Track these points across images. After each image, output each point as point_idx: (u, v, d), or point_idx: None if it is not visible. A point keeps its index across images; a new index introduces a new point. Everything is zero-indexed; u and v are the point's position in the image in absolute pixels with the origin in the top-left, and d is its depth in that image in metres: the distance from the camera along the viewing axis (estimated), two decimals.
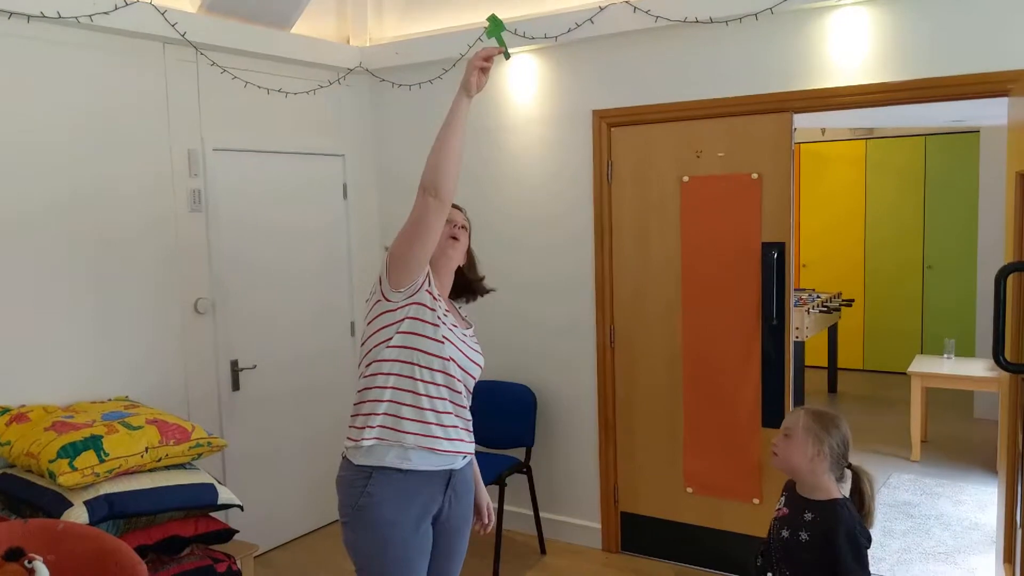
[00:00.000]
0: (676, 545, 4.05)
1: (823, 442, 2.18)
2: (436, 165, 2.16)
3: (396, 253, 2.22)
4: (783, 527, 2.26)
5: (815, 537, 2.17)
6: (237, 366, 4.04)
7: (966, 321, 7.43)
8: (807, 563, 2.18)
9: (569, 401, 4.28)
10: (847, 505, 2.19)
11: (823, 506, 2.19)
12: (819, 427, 2.19)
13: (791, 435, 2.22)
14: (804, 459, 2.19)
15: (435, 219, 2.17)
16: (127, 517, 2.94)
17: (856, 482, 2.22)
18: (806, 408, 2.26)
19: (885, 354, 8.19)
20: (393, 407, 2.24)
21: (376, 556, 2.26)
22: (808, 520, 2.19)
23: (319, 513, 4.49)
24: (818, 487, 2.21)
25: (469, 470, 2.43)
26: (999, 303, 2.56)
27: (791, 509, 2.26)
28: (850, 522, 2.15)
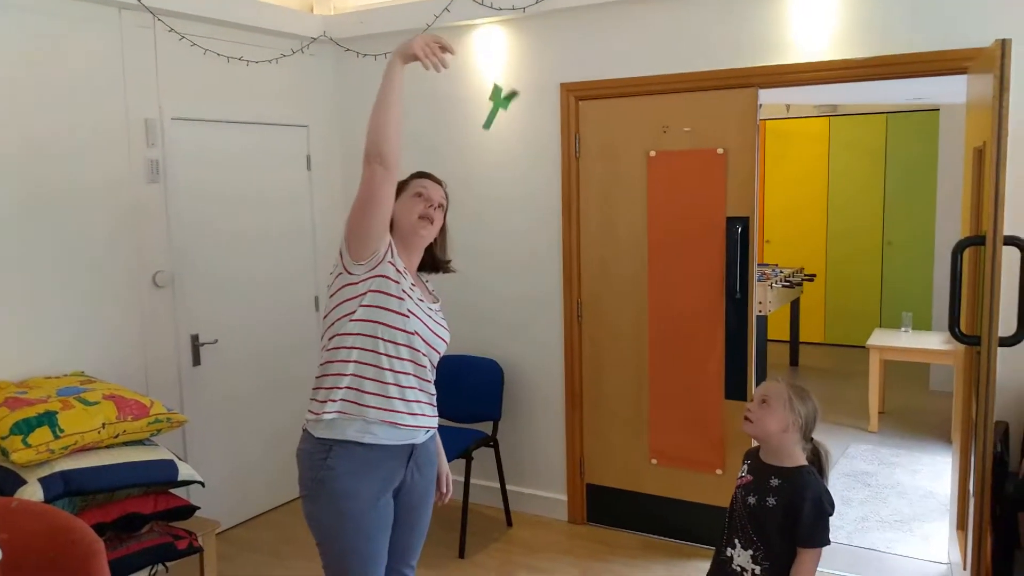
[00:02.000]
0: (641, 516, 4.10)
1: (799, 413, 2.22)
2: (377, 133, 2.12)
3: (351, 226, 2.19)
4: (749, 494, 2.29)
5: (782, 502, 2.20)
6: (198, 340, 3.98)
7: (923, 296, 7.58)
8: (774, 527, 2.21)
9: (536, 375, 4.28)
10: (813, 472, 2.23)
11: (790, 472, 2.22)
12: (798, 400, 2.23)
13: (769, 403, 2.24)
14: (778, 427, 2.22)
15: (384, 188, 2.14)
16: (84, 494, 2.90)
17: (815, 456, 2.25)
18: (786, 381, 2.30)
19: (845, 328, 8.33)
20: (356, 381, 2.22)
21: (336, 529, 2.25)
22: (775, 486, 2.23)
23: (283, 489, 4.47)
24: (786, 454, 2.24)
25: (432, 444, 2.43)
26: (955, 276, 2.60)
27: (755, 476, 2.29)
28: (817, 488, 2.19)
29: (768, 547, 2.23)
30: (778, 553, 2.22)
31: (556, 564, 3.79)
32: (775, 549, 2.22)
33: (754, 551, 2.25)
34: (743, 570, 2.28)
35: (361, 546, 2.26)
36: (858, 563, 3.68)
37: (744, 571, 2.27)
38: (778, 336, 8.10)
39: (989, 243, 2.30)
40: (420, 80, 4.43)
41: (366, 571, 2.29)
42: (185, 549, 3.14)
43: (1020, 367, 3.11)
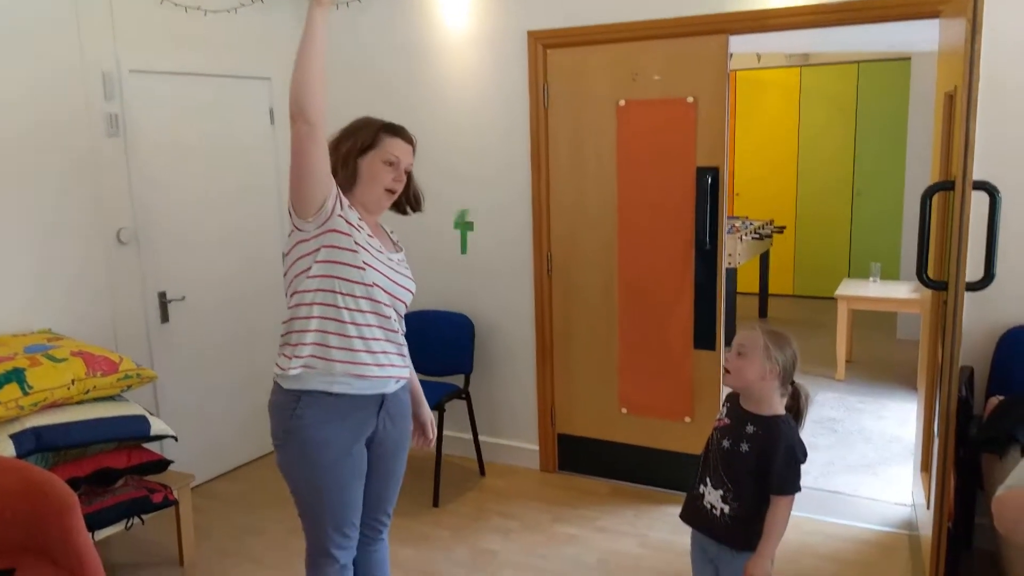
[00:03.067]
0: (611, 464, 4.16)
1: (777, 361, 2.22)
2: (299, 88, 2.02)
3: (291, 186, 2.12)
4: (724, 437, 2.32)
5: (755, 449, 2.24)
6: (165, 298, 3.93)
7: (892, 246, 7.68)
8: (745, 473, 2.25)
9: (507, 328, 4.29)
10: (788, 421, 2.25)
11: (766, 421, 2.25)
12: (774, 345, 2.23)
13: (746, 353, 2.24)
14: (757, 376, 2.23)
15: (312, 146, 2.06)
16: (56, 450, 2.88)
17: (795, 398, 2.27)
18: (761, 327, 2.29)
19: (814, 279, 8.43)
20: (320, 336, 2.20)
21: (308, 478, 2.26)
22: (750, 433, 2.26)
23: (257, 443, 4.46)
24: (764, 402, 2.26)
25: (404, 394, 2.43)
26: (924, 222, 2.63)
27: (733, 420, 2.32)
28: (790, 438, 2.22)
29: (738, 489, 2.27)
30: (747, 495, 2.26)
31: (528, 510, 3.85)
32: (745, 491, 2.26)
33: (724, 491, 2.30)
34: (712, 507, 2.33)
35: (334, 495, 2.27)
36: (824, 506, 3.77)
37: (714, 508, 2.33)
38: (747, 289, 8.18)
39: (958, 188, 2.32)
40: (388, 31, 4.36)
41: (340, 520, 2.31)
42: (160, 502, 3.14)
43: (985, 314, 3.17)
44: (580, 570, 3.30)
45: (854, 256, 8.22)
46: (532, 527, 3.69)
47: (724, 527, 2.31)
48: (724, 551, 2.34)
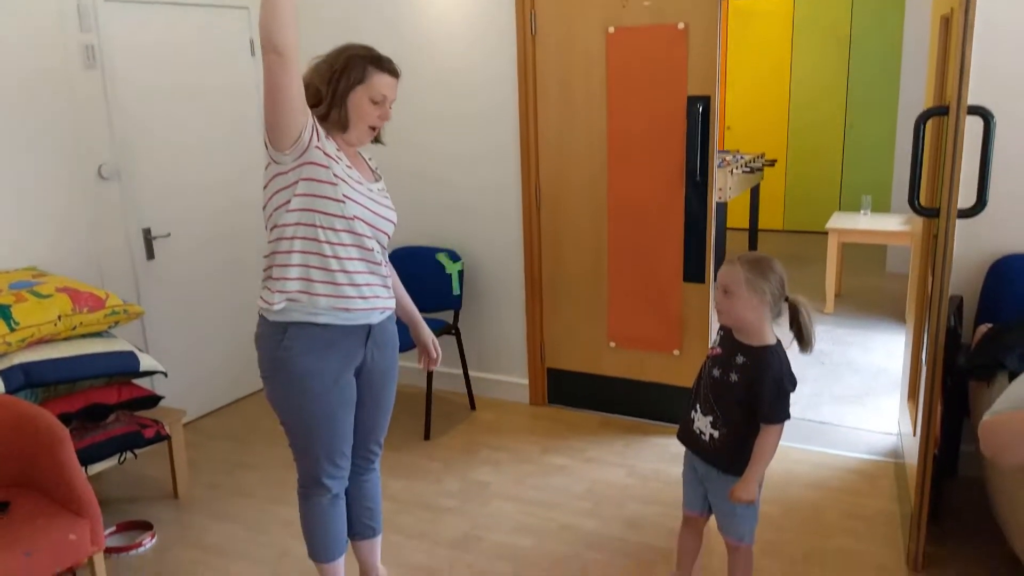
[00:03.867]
0: (600, 397, 4.19)
1: (764, 291, 2.19)
2: (266, 17, 1.96)
3: (265, 119, 2.06)
4: (715, 366, 2.33)
5: (743, 380, 2.24)
6: (150, 234, 3.88)
7: (883, 179, 7.65)
8: (734, 402, 2.27)
9: (496, 264, 4.27)
10: (777, 352, 2.24)
11: (756, 351, 2.24)
12: (757, 276, 2.19)
13: (731, 291, 2.21)
14: (748, 311, 2.21)
15: (285, 78, 1.99)
16: (45, 386, 2.88)
17: (794, 314, 2.24)
18: (740, 259, 2.24)
19: (804, 214, 8.41)
20: (303, 271, 2.17)
21: (297, 408, 2.26)
22: (739, 363, 2.26)
23: (248, 380, 4.47)
24: (756, 333, 2.25)
25: (390, 324, 2.41)
26: (917, 148, 2.60)
27: (724, 350, 2.32)
28: (778, 369, 2.21)
29: (726, 417, 2.29)
30: (735, 423, 2.29)
31: (518, 443, 3.88)
32: (733, 419, 2.29)
33: (713, 418, 2.32)
34: (702, 432, 2.36)
35: (324, 424, 2.28)
36: (811, 436, 3.82)
37: (703, 434, 2.36)
38: (737, 224, 8.17)
39: (952, 112, 2.28)
40: None
41: (331, 450, 2.32)
42: (152, 437, 3.15)
43: (975, 243, 3.17)
44: (570, 499, 3.34)
45: (845, 190, 8.19)
46: (522, 459, 3.73)
47: (713, 450, 2.34)
48: (712, 471, 2.39)
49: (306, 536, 2.48)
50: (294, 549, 3.01)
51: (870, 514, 3.13)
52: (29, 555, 2.23)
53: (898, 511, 3.14)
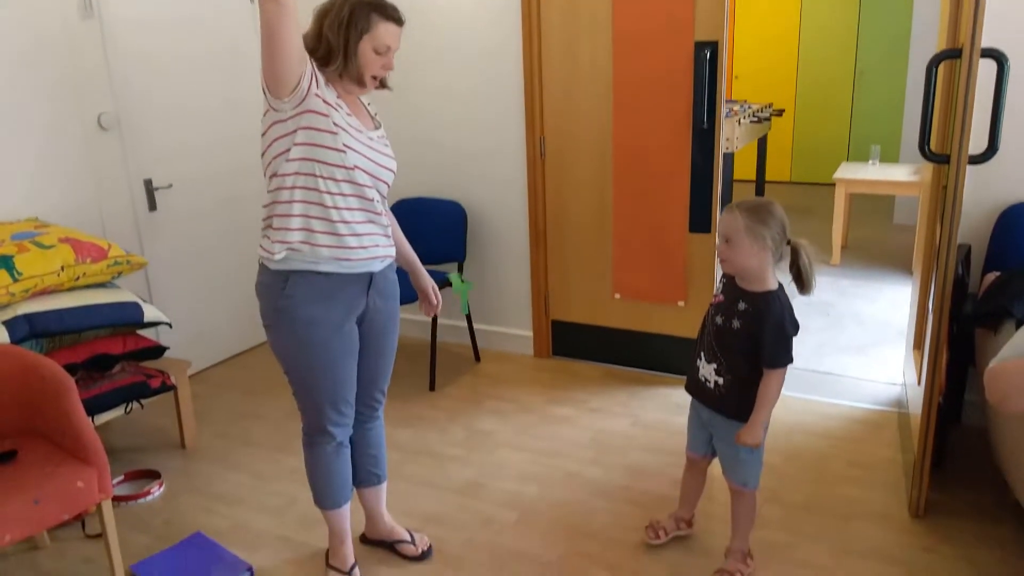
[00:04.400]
0: (604, 348, 4.19)
1: (764, 237, 2.16)
2: None
3: (263, 66, 2.01)
4: (718, 313, 2.32)
5: (745, 326, 2.24)
6: (151, 185, 3.85)
7: (893, 128, 7.55)
8: (736, 349, 2.27)
9: (499, 215, 4.24)
10: (779, 297, 2.22)
11: (758, 297, 2.23)
12: (757, 223, 2.17)
13: (732, 240, 2.19)
14: (752, 259, 2.19)
15: (282, 26, 1.94)
16: (50, 336, 2.88)
17: (795, 257, 2.22)
18: (739, 207, 2.21)
19: (812, 165, 8.32)
20: (304, 221, 2.15)
21: (300, 356, 2.26)
22: (741, 310, 2.25)
23: (253, 331, 4.48)
24: (758, 280, 2.23)
25: (391, 272, 2.40)
26: (928, 93, 2.55)
27: (727, 297, 2.32)
28: (779, 314, 2.20)
29: (730, 363, 2.30)
30: (739, 369, 2.29)
31: (522, 393, 3.90)
32: (736, 365, 2.29)
33: (717, 365, 2.33)
34: (707, 380, 2.37)
35: (328, 372, 2.28)
36: (815, 386, 3.82)
37: (708, 381, 2.37)
38: (744, 176, 8.10)
39: (965, 55, 2.23)
40: None
41: (335, 397, 2.32)
42: (159, 387, 3.17)
43: (984, 191, 3.13)
44: (574, 449, 3.36)
45: (854, 140, 8.09)
46: (526, 409, 3.74)
47: (718, 397, 2.35)
48: (716, 418, 2.40)
49: (311, 484, 2.50)
50: (301, 496, 3.05)
51: (873, 462, 3.14)
52: (37, 502, 2.25)
53: (901, 460, 3.15)
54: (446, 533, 2.82)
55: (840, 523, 2.77)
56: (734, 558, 2.51)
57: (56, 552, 2.79)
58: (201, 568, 2.64)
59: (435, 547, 2.72)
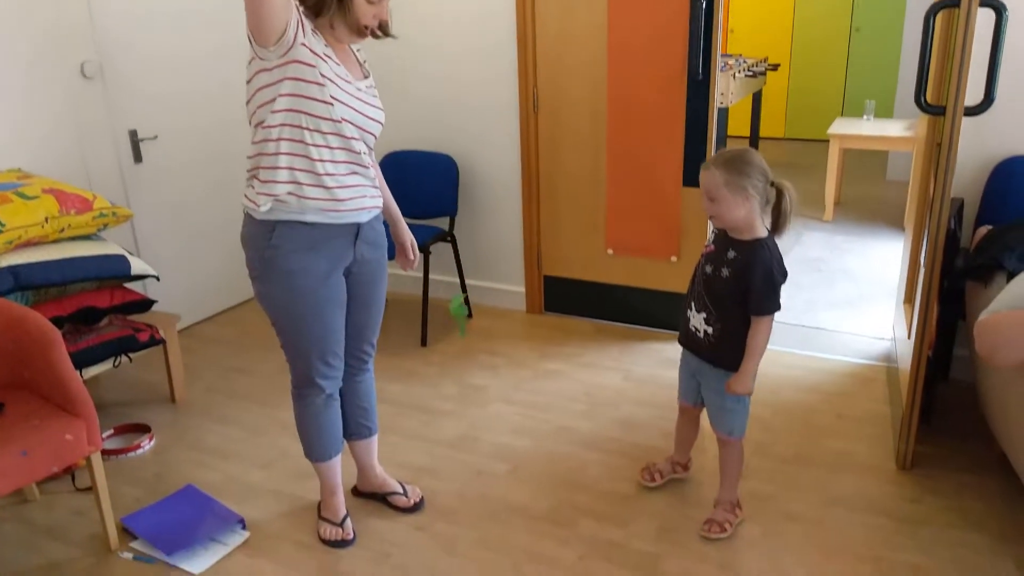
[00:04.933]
0: (597, 304, 4.18)
1: (746, 187, 2.16)
2: None
3: (247, 14, 1.95)
4: (708, 263, 2.33)
5: (734, 274, 2.24)
6: (136, 136, 3.79)
7: (888, 84, 7.49)
8: (725, 297, 2.27)
9: (492, 169, 4.20)
10: (768, 244, 2.23)
11: (746, 245, 2.23)
12: (736, 175, 2.15)
13: (716, 196, 2.19)
14: (738, 210, 2.18)
15: None
16: (35, 288, 2.85)
17: (778, 199, 2.21)
18: (715, 162, 2.19)
19: (806, 121, 8.27)
20: (290, 174, 2.11)
21: (288, 306, 2.24)
22: (731, 258, 2.25)
23: (243, 286, 4.45)
24: (747, 229, 2.23)
25: (378, 223, 2.38)
26: (926, 43, 2.51)
27: (717, 247, 2.32)
28: (768, 261, 2.20)
29: (719, 313, 2.30)
30: (728, 319, 2.30)
31: (515, 349, 3.90)
32: (725, 314, 2.30)
33: (707, 315, 2.33)
34: (697, 330, 2.38)
35: (315, 323, 2.26)
36: (805, 341, 3.83)
37: (698, 331, 2.38)
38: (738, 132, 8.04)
39: (964, 4, 2.19)
40: None
41: (323, 349, 2.31)
42: (147, 341, 3.15)
43: (979, 146, 3.10)
44: (565, 402, 3.37)
45: (849, 96, 8.03)
46: (519, 364, 3.74)
47: (707, 347, 2.36)
48: (705, 367, 2.42)
49: (302, 436, 2.50)
50: (292, 450, 3.05)
51: (861, 416, 3.16)
52: (26, 454, 2.24)
53: (889, 413, 3.17)
54: (438, 485, 2.83)
55: (828, 475, 2.79)
56: (723, 508, 2.53)
57: (46, 505, 2.79)
58: (193, 520, 2.65)
59: (427, 499, 2.74)
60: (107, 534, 2.53)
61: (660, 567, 2.38)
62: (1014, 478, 2.64)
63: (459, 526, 2.61)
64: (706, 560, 2.41)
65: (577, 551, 2.47)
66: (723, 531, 2.48)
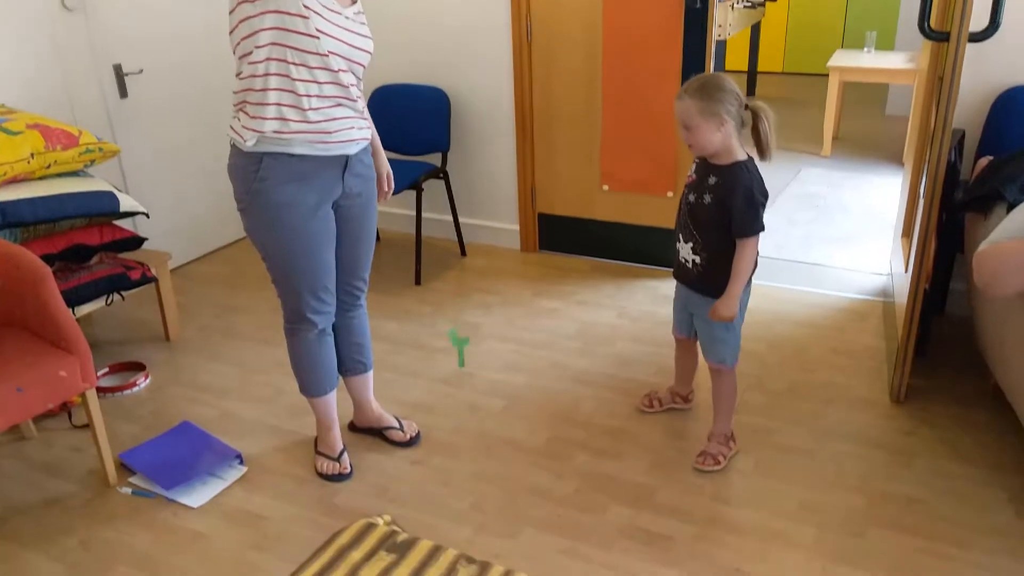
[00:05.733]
0: (592, 242, 4.15)
1: (720, 113, 2.15)
2: None
3: None
4: (691, 192, 2.34)
5: (716, 199, 2.25)
6: (121, 71, 3.69)
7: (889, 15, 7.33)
8: (710, 224, 2.28)
9: (485, 103, 4.12)
10: (747, 166, 2.23)
11: (725, 169, 2.23)
12: (709, 102, 2.14)
13: (690, 126, 2.18)
14: (714, 136, 2.18)
15: None
16: (24, 226, 2.81)
17: (755, 121, 2.21)
18: (687, 91, 2.18)
19: (805, 55, 8.13)
20: (277, 110, 2.06)
21: (277, 240, 2.21)
22: (712, 184, 2.26)
23: (235, 225, 4.38)
24: (726, 153, 2.23)
25: (366, 155, 2.33)
26: None
27: (698, 175, 2.32)
28: (748, 182, 2.21)
29: (705, 240, 2.31)
30: (714, 246, 2.30)
31: (509, 287, 3.88)
32: (711, 241, 2.30)
33: (694, 244, 2.34)
34: (686, 261, 2.40)
35: (305, 256, 2.23)
36: (800, 276, 3.82)
37: (687, 261, 2.39)
38: (736, 66, 7.90)
39: None
40: None
41: (314, 283, 2.29)
42: (139, 279, 3.12)
43: (981, 76, 3.04)
44: (560, 340, 3.37)
45: (849, 27, 7.89)
46: (513, 302, 3.73)
47: (696, 277, 2.38)
48: (694, 296, 2.44)
49: (296, 372, 2.49)
50: (288, 387, 3.05)
51: (856, 350, 3.17)
52: (21, 391, 2.23)
53: (884, 347, 3.18)
54: (434, 420, 2.84)
55: (822, 408, 2.81)
56: (716, 441, 2.55)
57: (43, 442, 2.80)
58: (190, 456, 2.66)
59: (423, 434, 2.75)
60: (105, 470, 2.54)
61: (655, 499, 2.41)
62: (1007, 410, 2.66)
63: (455, 460, 2.63)
64: (700, 492, 2.43)
65: (572, 484, 2.49)
66: (716, 464, 2.51)
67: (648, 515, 2.34)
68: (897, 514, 2.30)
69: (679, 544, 2.23)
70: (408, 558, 1.56)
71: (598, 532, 2.28)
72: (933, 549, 2.16)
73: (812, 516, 2.31)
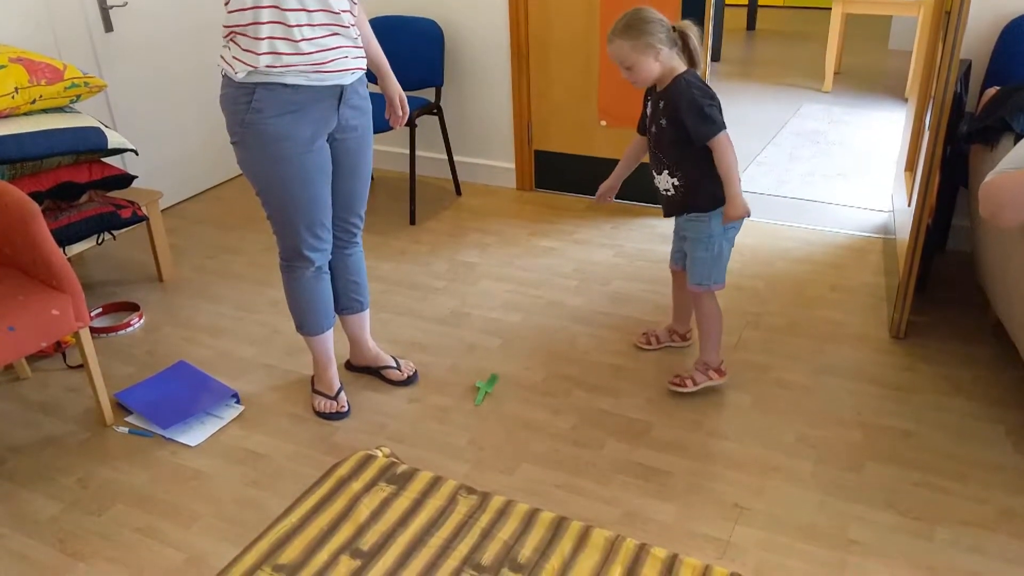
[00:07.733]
0: (589, 180, 4.09)
1: (652, 44, 2.19)
2: None
3: None
4: (651, 124, 2.37)
5: (669, 118, 2.27)
6: (105, 3, 3.58)
7: None
8: (672, 144, 2.31)
9: (479, 36, 4.01)
10: (684, 78, 2.25)
11: (668, 88, 2.26)
12: (639, 36, 2.18)
13: (630, 64, 2.22)
14: (654, 67, 2.22)
15: None
16: (9, 162, 2.75)
17: (683, 40, 2.25)
18: (614, 33, 2.22)
19: None
20: (269, 44, 1.99)
21: (271, 174, 2.16)
22: (662, 107, 2.29)
23: (228, 163, 4.33)
24: (667, 75, 2.26)
25: (362, 86, 2.27)
26: None
27: (652, 105, 2.36)
28: (688, 92, 2.22)
29: (673, 163, 2.35)
30: (684, 165, 2.33)
31: (505, 226, 3.84)
32: (679, 162, 2.33)
33: (668, 169, 2.37)
34: (666, 190, 2.42)
35: (300, 191, 2.19)
36: (800, 213, 3.78)
37: (668, 191, 2.42)
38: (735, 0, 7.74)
39: None
40: None
41: (310, 219, 2.25)
42: (129, 218, 3.08)
43: (989, 5, 2.97)
44: (557, 278, 3.34)
45: None
46: (509, 241, 3.69)
47: (680, 200, 2.40)
48: (679, 219, 2.49)
49: (292, 310, 2.47)
50: (283, 327, 3.03)
51: (856, 286, 3.15)
52: (13, 329, 2.21)
53: (884, 284, 3.16)
54: (431, 359, 2.83)
55: (820, 344, 2.80)
56: (697, 367, 2.55)
57: (39, 382, 2.79)
58: (186, 395, 2.65)
59: (420, 372, 2.74)
60: (101, 409, 2.53)
61: (651, 434, 2.41)
62: (1007, 346, 2.65)
63: (452, 397, 2.62)
64: (697, 428, 2.43)
65: (569, 420, 2.49)
66: (684, 386, 2.54)
67: (645, 450, 2.34)
68: (895, 448, 2.30)
69: (676, 479, 2.23)
70: (408, 489, 1.56)
71: (596, 467, 2.29)
72: (930, 482, 2.17)
73: (810, 450, 2.31)
